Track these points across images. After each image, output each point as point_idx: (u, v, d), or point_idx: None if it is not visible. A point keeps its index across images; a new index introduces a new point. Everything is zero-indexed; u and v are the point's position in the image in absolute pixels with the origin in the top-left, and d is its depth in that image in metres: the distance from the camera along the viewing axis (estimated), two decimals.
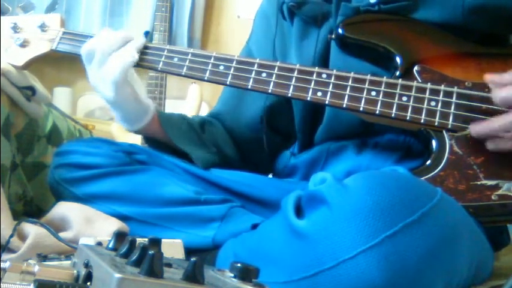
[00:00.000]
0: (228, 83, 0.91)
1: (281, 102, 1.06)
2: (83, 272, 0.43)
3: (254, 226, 0.83)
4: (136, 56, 0.93)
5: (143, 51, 0.95)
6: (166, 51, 0.95)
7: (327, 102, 0.86)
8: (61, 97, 2.28)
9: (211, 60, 0.92)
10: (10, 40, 1.01)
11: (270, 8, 1.12)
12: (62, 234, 0.81)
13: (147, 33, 1.00)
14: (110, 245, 0.47)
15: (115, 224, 0.85)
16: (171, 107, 2.13)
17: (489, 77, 0.79)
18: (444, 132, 0.81)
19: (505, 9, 0.85)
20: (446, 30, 0.88)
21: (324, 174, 0.70)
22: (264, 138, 1.07)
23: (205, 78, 0.92)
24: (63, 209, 0.88)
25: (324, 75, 0.87)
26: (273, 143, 1.09)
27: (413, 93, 0.83)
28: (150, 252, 0.37)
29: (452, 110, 0.81)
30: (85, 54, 0.95)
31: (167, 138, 1.01)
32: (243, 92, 1.07)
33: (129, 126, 1.00)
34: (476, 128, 0.77)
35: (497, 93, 0.77)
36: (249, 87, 0.90)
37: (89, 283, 0.42)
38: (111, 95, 0.93)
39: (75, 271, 0.45)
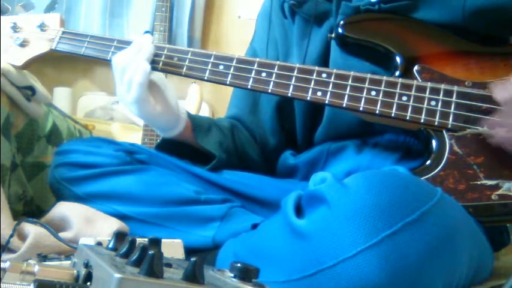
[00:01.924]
0: (228, 82, 0.91)
1: (287, 101, 1.06)
2: (83, 272, 0.43)
3: (254, 226, 0.83)
4: (147, 68, 0.90)
5: None
6: (166, 50, 0.95)
7: (326, 101, 0.86)
8: (61, 97, 2.28)
9: (211, 60, 0.92)
10: (10, 40, 1.01)
11: (271, 7, 1.12)
12: (62, 234, 0.81)
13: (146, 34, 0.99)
14: (110, 245, 0.47)
15: (115, 224, 0.85)
16: None
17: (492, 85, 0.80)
18: (444, 132, 0.81)
19: (505, 11, 0.85)
20: (447, 30, 0.88)
21: (324, 174, 0.70)
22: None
23: (205, 78, 0.92)
24: (63, 209, 0.88)
25: (324, 75, 0.87)
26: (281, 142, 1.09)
27: (413, 93, 0.83)
28: (150, 252, 0.37)
29: (452, 110, 0.81)
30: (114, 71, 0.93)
31: (198, 145, 1.00)
32: (254, 94, 1.07)
33: (162, 133, 1.01)
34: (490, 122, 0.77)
35: (497, 95, 0.78)
36: (249, 87, 0.90)
37: (88, 283, 0.42)
38: (136, 114, 0.93)
39: (75, 271, 0.45)
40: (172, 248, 0.71)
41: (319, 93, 0.86)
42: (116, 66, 0.93)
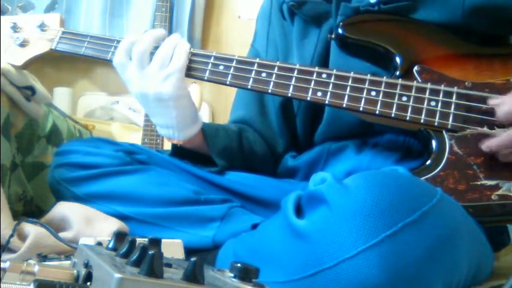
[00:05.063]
0: (228, 82, 0.91)
1: (290, 101, 1.06)
2: (83, 272, 0.43)
3: (254, 226, 0.83)
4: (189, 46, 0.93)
5: None
6: None
7: (326, 102, 0.86)
8: (61, 97, 2.28)
9: (211, 60, 0.92)
10: (10, 40, 1.01)
11: (271, 8, 1.12)
12: (62, 234, 0.81)
13: None
14: (110, 245, 0.47)
15: (115, 224, 0.85)
16: None
17: (491, 102, 0.80)
18: (444, 132, 0.81)
19: (504, 10, 0.85)
20: (446, 30, 0.88)
21: (324, 174, 0.70)
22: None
23: (205, 78, 0.92)
24: (63, 209, 0.88)
25: (324, 75, 0.87)
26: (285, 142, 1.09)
27: (413, 93, 0.83)
28: (150, 252, 0.37)
29: (452, 110, 0.81)
30: (138, 59, 0.90)
31: (204, 150, 0.99)
32: (261, 95, 1.07)
33: (181, 132, 0.94)
34: (489, 144, 0.77)
35: (499, 111, 0.78)
36: (249, 87, 0.90)
37: (88, 283, 0.42)
38: (170, 91, 0.89)
39: (75, 271, 0.45)
40: (172, 248, 0.71)
41: (319, 94, 0.86)
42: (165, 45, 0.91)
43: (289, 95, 0.88)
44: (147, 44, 0.90)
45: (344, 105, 0.85)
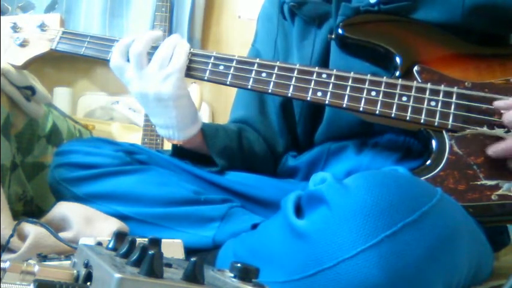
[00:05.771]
0: (228, 82, 0.91)
1: (290, 101, 1.05)
2: (83, 272, 0.43)
3: (254, 226, 0.83)
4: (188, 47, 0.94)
5: None
6: None
7: (326, 102, 0.86)
8: (61, 97, 2.28)
9: (211, 60, 0.92)
10: (10, 40, 1.01)
11: (271, 8, 1.12)
12: (62, 234, 0.81)
13: None
14: (110, 245, 0.47)
15: (115, 224, 0.85)
16: None
17: (496, 103, 0.79)
18: (444, 132, 0.81)
19: (504, 10, 0.85)
20: (446, 31, 0.88)
21: (324, 174, 0.70)
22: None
23: (205, 78, 0.92)
24: (63, 209, 0.88)
25: (324, 75, 0.87)
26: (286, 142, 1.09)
27: (413, 94, 0.83)
28: (150, 252, 0.37)
29: (452, 110, 0.81)
30: (135, 60, 0.90)
31: (204, 151, 0.99)
32: (261, 95, 1.07)
33: (180, 132, 0.94)
34: (495, 150, 0.77)
35: (505, 117, 0.78)
36: (249, 87, 0.90)
37: (88, 283, 0.42)
38: (170, 91, 0.89)
39: (75, 271, 0.45)
40: (172, 248, 0.71)
41: (319, 94, 0.86)
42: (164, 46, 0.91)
43: (289, 95, 0.88)
44: (144, 44, 0.91)
45: (344, 105, 0.85)
